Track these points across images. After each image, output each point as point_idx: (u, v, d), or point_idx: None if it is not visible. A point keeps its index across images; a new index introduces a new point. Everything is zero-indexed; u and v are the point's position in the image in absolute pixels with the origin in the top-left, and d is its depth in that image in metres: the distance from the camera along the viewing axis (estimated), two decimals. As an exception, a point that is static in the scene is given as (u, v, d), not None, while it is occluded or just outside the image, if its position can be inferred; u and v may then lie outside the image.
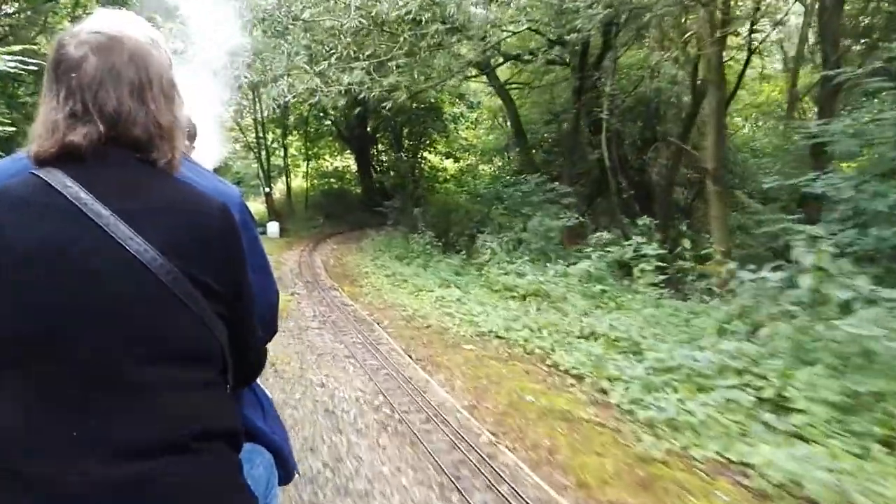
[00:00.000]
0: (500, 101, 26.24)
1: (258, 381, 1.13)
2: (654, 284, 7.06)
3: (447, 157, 31.13)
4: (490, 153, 27.12)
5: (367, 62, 9.25)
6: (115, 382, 0.71)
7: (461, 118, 28.05)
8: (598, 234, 8.53)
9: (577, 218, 9.85)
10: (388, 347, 5.37)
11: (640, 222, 9.75)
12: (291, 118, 23.74)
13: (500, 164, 32.54)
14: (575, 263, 8.36)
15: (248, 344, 0.91)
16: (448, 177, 32.04)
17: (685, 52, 15.21)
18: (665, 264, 7.89)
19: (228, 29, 10.42)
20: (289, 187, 23.81)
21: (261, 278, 1.00)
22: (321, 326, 6.30)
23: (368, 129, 25.85)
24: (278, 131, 23.83)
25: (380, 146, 27.92)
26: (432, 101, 26.08)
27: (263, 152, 21.53)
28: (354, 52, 9.45)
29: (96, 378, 0.71)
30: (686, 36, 15.50)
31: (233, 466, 0.81)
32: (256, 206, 27.51)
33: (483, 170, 33.42)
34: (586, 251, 8.29)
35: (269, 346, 1.11)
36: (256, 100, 21.29)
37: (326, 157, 28.94)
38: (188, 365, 0.77)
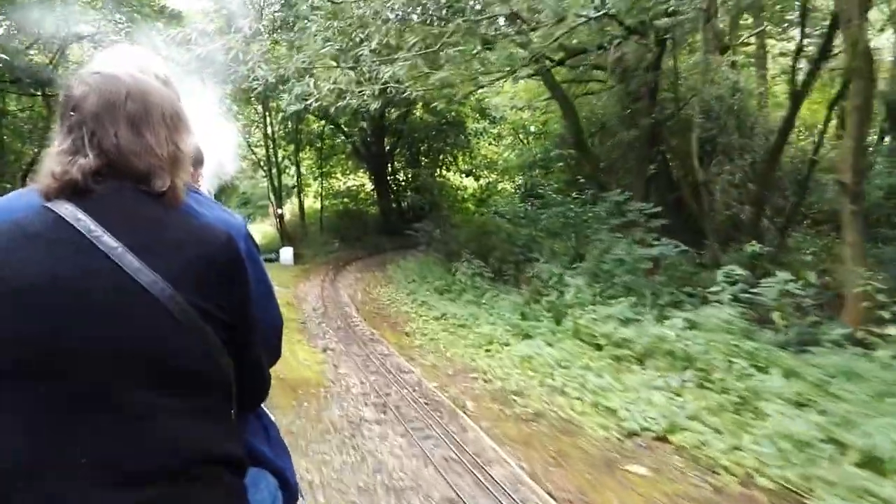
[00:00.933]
0: (523, 116, 24.69)
1: (263, 405, 1.12)
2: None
3: (467, 175, 29.42)
4: (514, 170, 25.37)
5: (412, 52, 7.37)
6: (118, 409, 0.71)
7: (484, 133, 26.31)
8: (725, 267, 6.50)
9: (677, 246, 7.85)
10: (503, 472, 3.31)
11: (748, 248, 7.77)
12: (304, 132, 21.98)
13: (520, 181, 30.77)
14: (688, 307, 6.37)
15: (253, 371, 0.91)
16: (466, 196, 30.30)
17: (755, 52, 13.49)
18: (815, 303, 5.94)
19: (237, 24, 8.74)
20: (302, 208, 21.95)
21: (265, 305, 1.01)
22: (380, 417, 4.28)
23: (386, 145, 24.07)
24: (290, 147, 22.03)
25: (396, 164, 26.15)
26: (453, 115, 24.47)
27: (274, 170, 19.69)
28: (396, 42, 7.62)
29: (99, 404, 0.71)
30: (747, 36, 13.80)
31: (237, 492, 0.81)
32: (265, 229, 25.69)
33: (503, 188, 31.70)
34: (711, 290, 6.27)
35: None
36: (267, 114, 19.60)
37: (338, 175, 27.16)
38: (194, 392, 0.77)
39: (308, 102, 8.33)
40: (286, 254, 15.98)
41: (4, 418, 0.70)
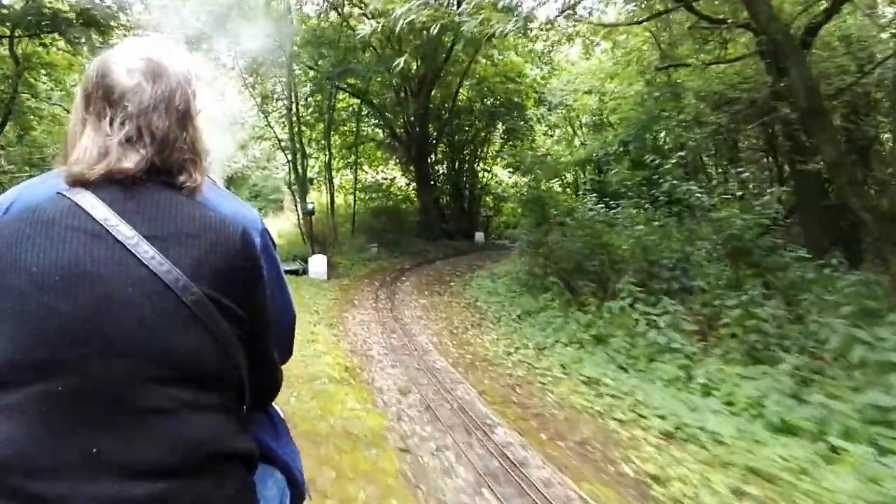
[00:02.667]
0: (585, 102, 20.63)
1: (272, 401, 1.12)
2: None
3: (515, 170, 25.42)
4: (569, 166, 21.40)
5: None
6: (131, 403, 0.71)
7: (541, 120, 22.27)
8: None
9: None
10: None
11: None
12: (334, 107, 17.98)
13: (569, 178, 26.78)
14: None
15: (265, 367, 0.92)
16: (507, 194, 26.30)
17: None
18: None
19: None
20: (332, 204, 17.94)
21: (280, 301, 1.00)
22: None
23: (431, 131, 20.03)
24: (318, 127, 17.98)
25: (438, 154, 22.12)
26: (507, 95, 20.46)
27: (299, 156, 15.72)
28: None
29: (111, 399, 0.71)
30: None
31: (246, 488, 0.81)
32: (282, 226, 21.74)
33: (549, 186, 27.60)
34: None
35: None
36: (292, 87, 15.66)
37: (365, 167, 23.16)
38: (205, 387, 0.76)
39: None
40: (318, 264, 11.94)
41: (16, 413, 0.69)
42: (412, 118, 18.74)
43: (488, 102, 20.23)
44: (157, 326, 0.73)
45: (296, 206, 16.52)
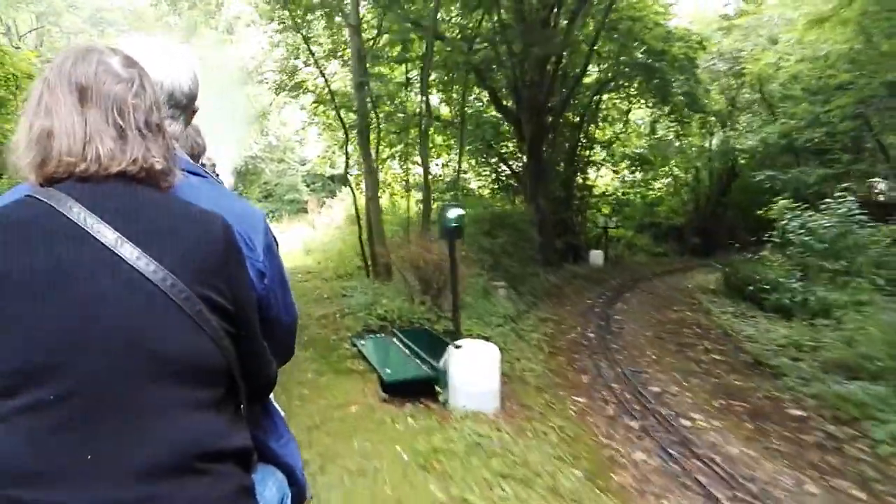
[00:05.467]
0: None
1: (273, 400, 1.11)
2: None
3: (622, 161, 18.30)
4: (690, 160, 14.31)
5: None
6: (124, 404, 0.70)
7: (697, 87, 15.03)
8: None
9: None
10: None
11: None
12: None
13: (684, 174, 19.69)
14: None
15: (257, 361, 0.90)
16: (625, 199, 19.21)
17: None
18: None
19: None
20: (428, 203, 10.64)
21: (283, 301, 1.00)
22: None
23: (551, 97, 12.85)
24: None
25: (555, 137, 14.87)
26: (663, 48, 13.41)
27: (373, 114, 8.43)
28: None
29: (104, 400, 0.69)
30: None
31: (244, 487, 0.80)
32: (313, 241, 14.67)
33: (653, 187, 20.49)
34: None
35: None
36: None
37: (415, 157, 15.90)
38: (197, 384, 0.75)
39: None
40: (476, 370, 4.63)
41: (8, 422, 0.68)
42: (526, 76, 11.60)
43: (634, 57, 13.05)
44: (145, 326, 0.71)
45: (370, 205, 9.34)
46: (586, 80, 13.79)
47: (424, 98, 9.00)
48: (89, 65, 0.77)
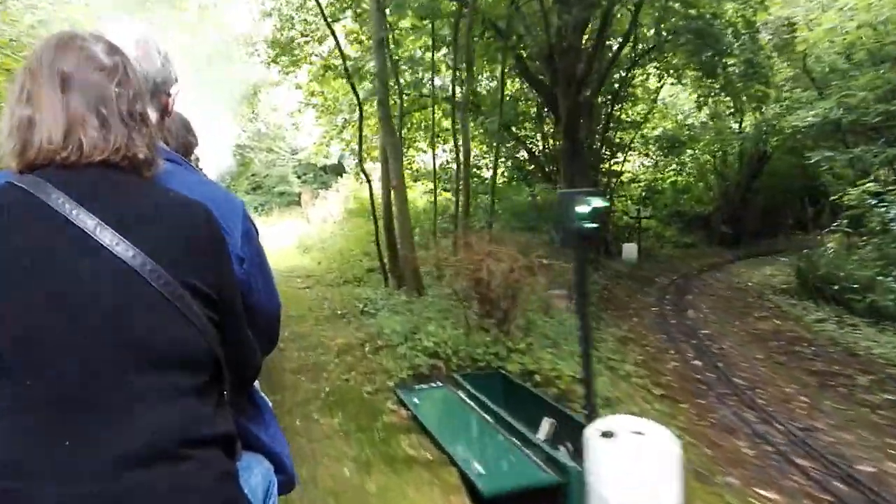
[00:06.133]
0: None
1: (259, 389, 1.10)
2: None
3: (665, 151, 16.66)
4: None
5: None
6: (103, 392, 0.68)
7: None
8: None
9: None
10: None
11: None
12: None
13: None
14: None
15: (242, 350, 0.88)
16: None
17: None
18: None
19: None
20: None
21: (264, 287, 0.99)
22: None
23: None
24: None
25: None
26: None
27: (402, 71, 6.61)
28: None
29: (84, 388, 0.67)
30: None
31: (228, 474, 0.78)
32: (310, 237, 12.84)
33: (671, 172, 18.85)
34: None
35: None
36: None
37: (420, 143, 13.89)
38: (179, 371, 0.73)
39: None
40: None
41: None
42: (565, 39, 9.78)
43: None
44: (126, 310, 0.69)
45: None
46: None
47: (462, 63, 7.12)
48: (72, 52, 0.76)
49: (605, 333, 6.33)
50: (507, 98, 12.23)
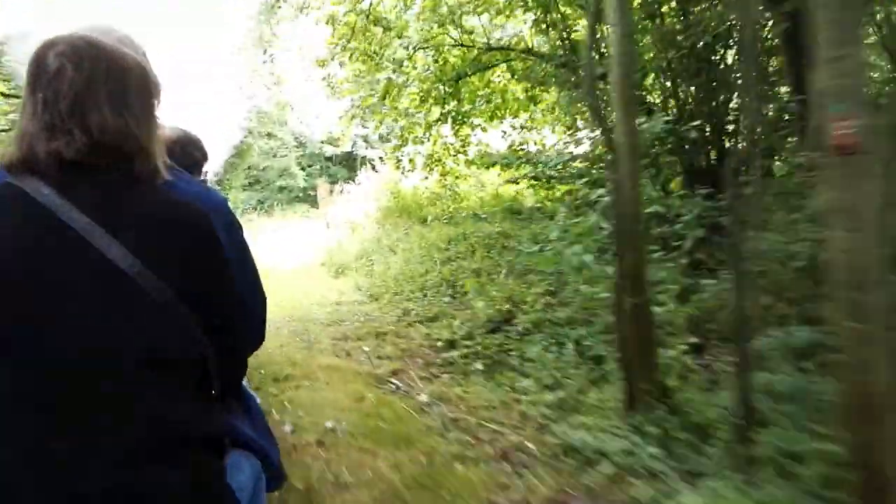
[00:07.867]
0: None
1: (248, 387, 1.11)
2: None
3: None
4: None
5: None
6: (93, 392, 0.69)
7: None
8: None
9: None
10: None
11: None
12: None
13: None
14: None
15: (228, 349, 0.88)
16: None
17: None
18: None
19: None
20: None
21: (245, 283, 1.00)
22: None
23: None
24: None
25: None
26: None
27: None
28: None
29: (72, 389, 0.68)
30: None
31: (216, 472, 0.79)
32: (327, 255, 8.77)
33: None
34: None
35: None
36: None
37: (475, 117, 9.79)
38: (168, 371, 0.74)
39: None
40: None
41: None
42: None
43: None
44: (114, 311, 0.70)
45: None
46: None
47: None
48: (64, 57, 0.75)
49: None
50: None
